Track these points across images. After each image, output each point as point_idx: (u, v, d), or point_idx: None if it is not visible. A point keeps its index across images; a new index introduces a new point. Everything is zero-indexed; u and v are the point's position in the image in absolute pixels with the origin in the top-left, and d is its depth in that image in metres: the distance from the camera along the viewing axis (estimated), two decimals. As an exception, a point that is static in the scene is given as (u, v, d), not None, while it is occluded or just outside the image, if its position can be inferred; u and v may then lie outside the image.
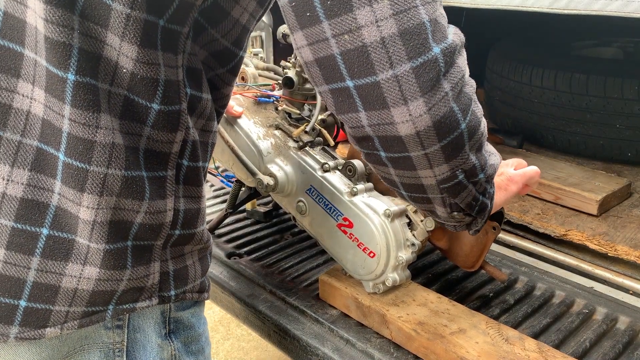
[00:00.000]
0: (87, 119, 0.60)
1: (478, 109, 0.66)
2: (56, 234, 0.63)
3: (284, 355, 1.15)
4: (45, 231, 0.63)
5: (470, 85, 0.65)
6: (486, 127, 0.70)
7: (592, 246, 1.31)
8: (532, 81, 1.80)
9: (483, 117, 0.68)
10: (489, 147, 0.74)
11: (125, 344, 0.71)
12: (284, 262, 1.33)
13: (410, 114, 0.58)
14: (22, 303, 0.64)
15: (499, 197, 0.91)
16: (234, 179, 1.37)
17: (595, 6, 1.12)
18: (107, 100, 0.60)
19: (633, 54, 2.08)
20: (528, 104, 1.84)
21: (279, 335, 1.12)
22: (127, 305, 0.69)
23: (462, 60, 0.62)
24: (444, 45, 0.58)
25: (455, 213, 0.76)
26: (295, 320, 1.12)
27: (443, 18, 0.59)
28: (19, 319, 0.64)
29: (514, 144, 1.84)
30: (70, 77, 0.58)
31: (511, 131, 1.92)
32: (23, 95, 0.61)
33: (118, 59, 0.59)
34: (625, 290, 1.20)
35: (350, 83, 0.58)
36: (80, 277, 0.64)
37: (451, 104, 0.60)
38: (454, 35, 0.60)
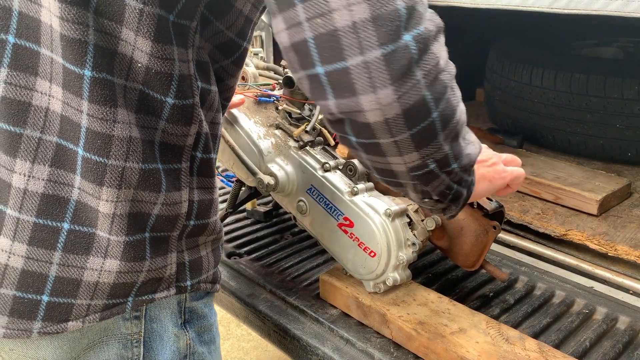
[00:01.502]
0: (104, 113, 0.61)
1: (454, 96, 0.63)
2: (77, 228, 0.65)
3: (284, 355, 1.15)
4: (66, 225, 0.64)
5: (447, 71, 0.62)
6: (464, 114, 0.68)
7: (592, 246, 1.31)
8: (532, 81, 1.80)
9: (461, 105, 0.66)
10: (468, 135, 0.72)
11: (142, 334, 0.72)
12: (284, 261, 1.33)
13: (379, 102, 0.56)
14: (45, 298, 0.65)
15: (482, 187, 0.88)
16: (234, 179, 1.37)
17: (595, 6, 1.12)
18: (123, 94, 0.62)
19: (633, 53, 2.08)
20: (528, 103, 1.84)
21: (279, 335, 1.12)
22: (146, 297, 0.70)
23: (438, 47, 0.59)
24: (416, 32, 0.56)
25: (427, 200, 0.74)
26: (295, 320, 1.12)
27: (422, 5, 0.58)
28: (41, 314, 0.65)
29: (514, 144, 1.84)
30: (87, 73, 0.59)
31: (511, 131, 1.92)
32: (41, 93, 0.62)
33: (133, 53, 0.61)
34: (625, 290, 1.20)
35: (320, 69, 0.56)
36: (101, 270, 0.66)
37: (423, 92, 0.57)
38: (429, 21, 0.58)
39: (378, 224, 1.01)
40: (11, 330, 0.66)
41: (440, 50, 0.60)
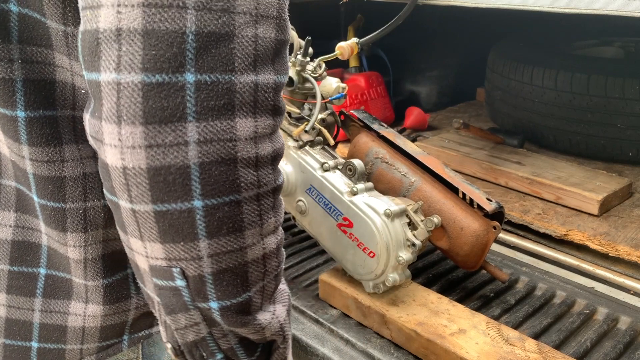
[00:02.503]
0: (49, 155, 0.55)
1: (253, 208, 0.47)
2: (54, 273, 0.61)
3: (283, 355, 1.14)
4: (43, 271, 0.61)
5: (261, 167, 0.46)
6: (276, 257, 0.51)
7: (593, 246, 1.30)
8: (533, 81, 1.80)
9: (270, 241, 0.49)
10: (281, 298, 0.54)
11: (141, 359, 0.70)
12: (284, 262, 1.32)
13: (120, 138, 0.42)
14: (34, 344, 0.63)
15: None
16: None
17: (596, 5, 1.11)
18: (72, 127, 0.55)
19: (634, 53, 2.08)
20: (529, 103, 1.84)
21: (279, 336, 1.12)
22: (142, 333, 0.67)
23: (249, 123, 0.44)
24: (208, 77, 0.42)
25: (168, 345, 0.53)
26: (295, 320, 1.12)
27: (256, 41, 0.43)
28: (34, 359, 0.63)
29: (515, 144, 1.84)
30: (20, 114, 0.53)
31: (512, 131, 1.92)
32: None
33: (73, 79, 0.54)
34: (627, 290, 1.20)
35: (87, 75, 0.45)
36: (84, 316, 0.62)
37: (189, 160, 0.43)
38: (273, 75, 0.45)
39: (378, 225, 1.01)
40: None
41: (249, 128, 0.44)
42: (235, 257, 0.46)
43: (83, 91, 0.54)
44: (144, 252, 0.47)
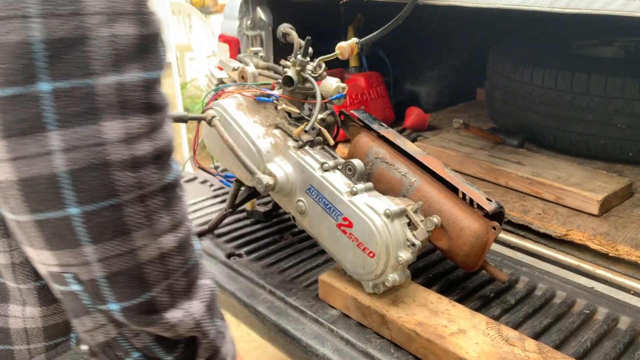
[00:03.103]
0: None
1: (143, 218, 0.46)
2: None
3: (283, 355, 1.14)
4: None
5: (136, 170, 0.46)
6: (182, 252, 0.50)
7: (593, 246, 1.30)
8: (533, 80, 1.80)
9: (168, 239, 0.49)
10: (200, 283, 0.53)
11: None
12: (284, 262, 1.32)
13: None
14: None
15: None
16: (233, 179, 1.37)
17: (596, 5, 1.11)
18: None
19: (634, 53, 2.07)
20: (529, 103, 1.84)
21: (279, 336, 1.12)
22: None
23: (117, 125, 0.44)
24: (68, 84, 0.41)
25: (84, 346, 0.55)
26: (295, 320, 1.12)
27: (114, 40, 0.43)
28: None
29: (515, 144, 1.83)
30: None
31: (512, 131, 1.92)
32: None
33: None
34: (627, 290, 1.20)
35: None
36: (24, 318, 0.61)
37: (58, 168, 0.43)
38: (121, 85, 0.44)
39: (377, 225, 1.01)
40: None
41: (127, 139, 0.44)
42: (126, 260, 0.47)
43: None
44: (38, 259, 0.47)
